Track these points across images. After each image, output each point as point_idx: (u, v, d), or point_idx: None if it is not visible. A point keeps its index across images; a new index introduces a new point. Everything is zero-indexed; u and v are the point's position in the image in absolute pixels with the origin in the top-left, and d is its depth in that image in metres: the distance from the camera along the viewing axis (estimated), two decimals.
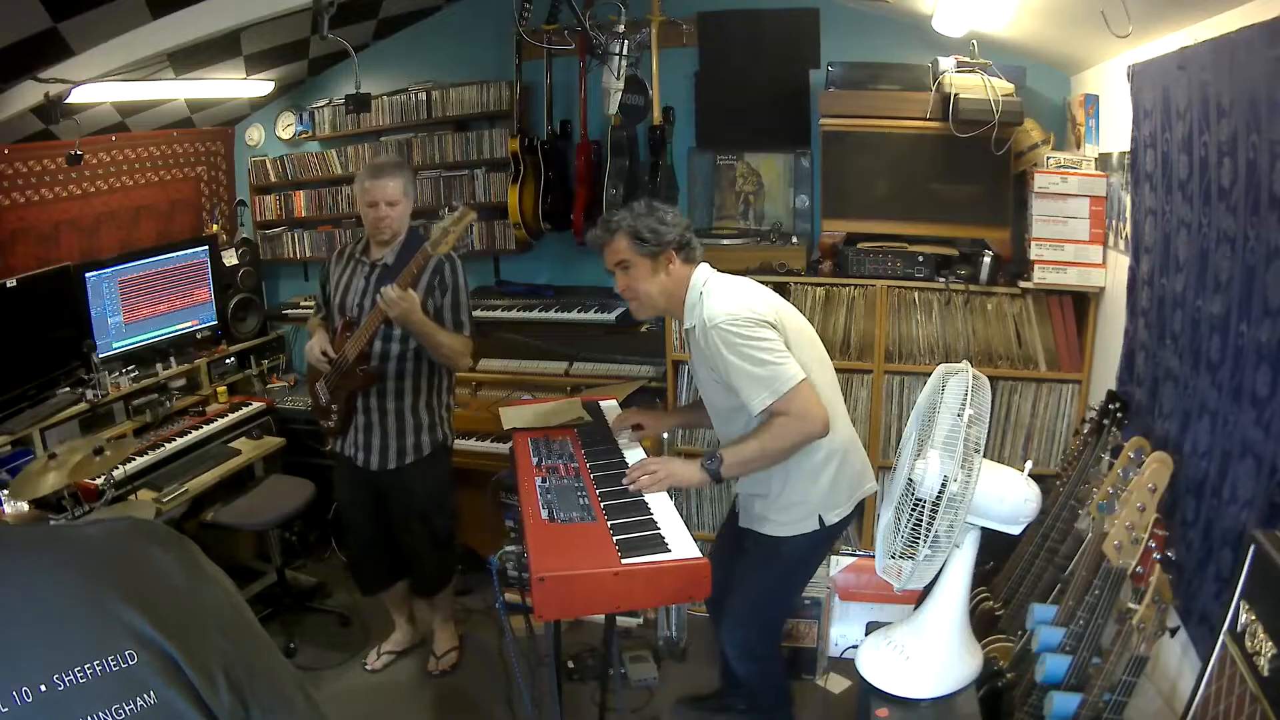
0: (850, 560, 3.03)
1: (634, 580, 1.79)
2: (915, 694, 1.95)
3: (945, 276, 3.09)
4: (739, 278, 2.28)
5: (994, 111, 2.78)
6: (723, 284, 2.22)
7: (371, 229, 2.69)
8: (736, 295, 2.17)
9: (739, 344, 2.06)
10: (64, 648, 0.57)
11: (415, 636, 3.25)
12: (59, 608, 0.59)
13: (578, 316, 3.62)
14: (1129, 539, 1.84)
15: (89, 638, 0.58)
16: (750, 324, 2.07)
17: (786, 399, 2.03)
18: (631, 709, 2.87)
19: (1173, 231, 2.11)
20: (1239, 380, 1.72)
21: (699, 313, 2.17)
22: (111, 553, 0.63)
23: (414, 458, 2.79)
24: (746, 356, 2.05)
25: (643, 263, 2.19)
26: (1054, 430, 3.09)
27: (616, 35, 3.23)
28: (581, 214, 3.66)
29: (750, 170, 3.65)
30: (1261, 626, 1.40)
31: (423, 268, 2.51)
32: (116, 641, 0.59)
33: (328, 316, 2.85)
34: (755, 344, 2.05)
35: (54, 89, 2.80)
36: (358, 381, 2.69)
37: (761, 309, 2.12)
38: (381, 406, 2.74)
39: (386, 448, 2.77)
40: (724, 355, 2.08)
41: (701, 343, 2.17)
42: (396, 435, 2.76)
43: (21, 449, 3.04)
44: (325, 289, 2.87)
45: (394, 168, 2.67)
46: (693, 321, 2.21)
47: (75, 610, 0.59)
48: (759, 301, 2.17)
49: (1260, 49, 1.59)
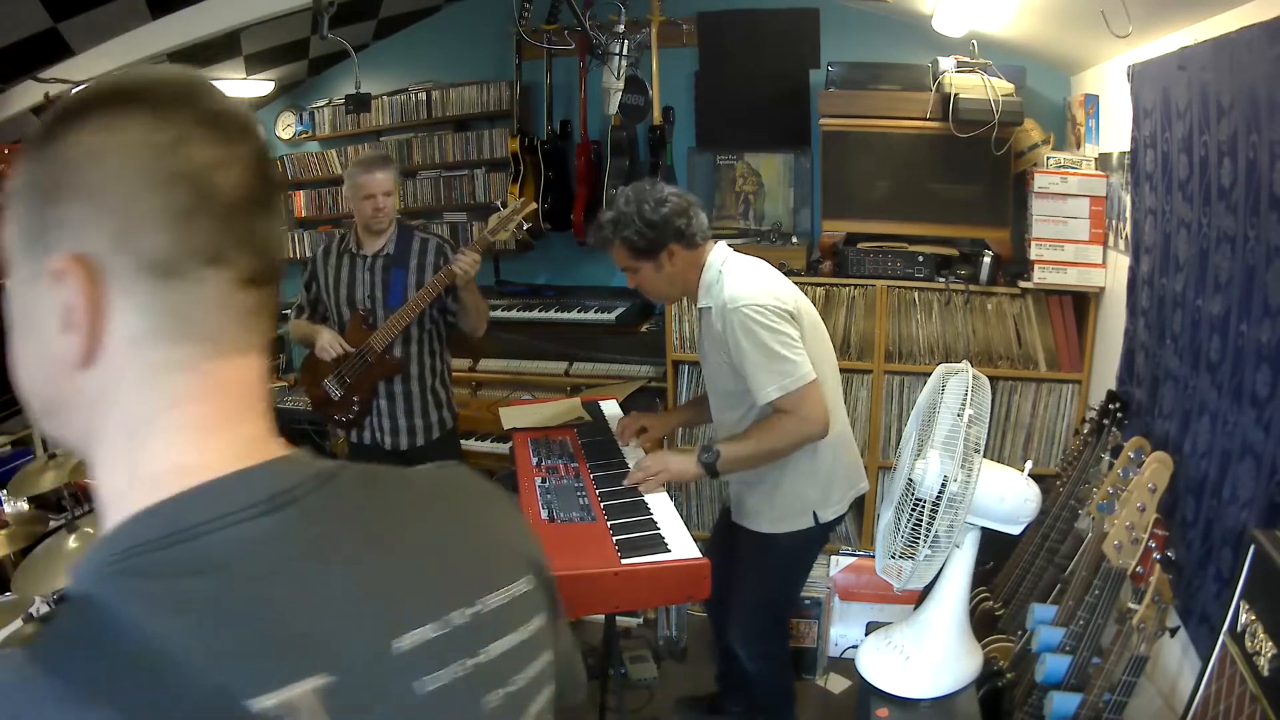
0: (850, 560, 3.03)
1: (634, 580, 1.79)
2: (915, 694, 1.94)
3: (945, 276, 3.09)
4: (758, 260, 2.21)
5: (994, 111, 2.78)
6: (744, 265, 2.15)
7: (369, 221, 2.74)
8: (760, 280, 2.12)
9: (758, 331, 2.01)
10: (487, 572, 0.63)
11: None
12: (476, 537, 0.66)
13: (578, 316, 3.62)
14: (1129, 539, 1.84)
15: (500, 564, 0.65)
16: (773, 314, 2.02)
17: (794, 397, 2.01)
18: (631, 709, 2.87)
19: (1173, 231, 2.11)
20: (1239, 380, 1.72)
21: (717, 293, 2.10)
22: (486, 488, 0.72)
23: (439, 433, 2.90)
24: (762, 346, 2.01)
25: (645, 265, 2.13)
26: (1054, 430, 3.09)
27: (616, 35, 3.23)
28: (581, 214, 3.66)
29: (750, 170, 3.65)
30: (1261, 626, 1.40)
31: (489, 245, 2.73)
32: (517, 568, 0.65)
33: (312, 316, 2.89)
34: (774, 335, 2.01)
35: (54, 89, 2.80)
36: (388, 368, 2.76)
37: (784, 297, 2.08)
38: (406, 389, 2.82)
39: (413, 427, 2.86)
40: (740, 340, 2.03)
41: (718, 324, 2.10)
42: (421, 414, 2.85)
43: (21, 449, 3.04)
44: (311, 288, 2.90)
45: (384, 160, 2.76)
46: (709, 302, 2.13)
47: (486, 539, 0.66)
48: (782, 289, 2.12)
49: (1260, 49, 1.59)
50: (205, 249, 0.55)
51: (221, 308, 0.57)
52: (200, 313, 0.56)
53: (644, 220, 2.06)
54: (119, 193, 0.53)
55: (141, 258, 0.54)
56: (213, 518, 0.52)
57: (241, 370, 0.58)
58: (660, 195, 2.09)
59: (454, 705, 0.57)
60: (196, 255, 0.55)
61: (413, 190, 4.01)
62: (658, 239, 2.08)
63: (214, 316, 0.56)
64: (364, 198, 2.68)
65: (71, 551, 2.12)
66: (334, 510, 0.57)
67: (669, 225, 2.07)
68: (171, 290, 0.55)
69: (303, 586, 0.53)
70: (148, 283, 0.54)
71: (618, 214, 2.10)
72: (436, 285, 2.66)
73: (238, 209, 0.56)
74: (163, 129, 0.55)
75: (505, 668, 0.61)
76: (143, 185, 0.54)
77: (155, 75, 0.59)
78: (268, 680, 0.48)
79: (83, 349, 0.54)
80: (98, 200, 0.54)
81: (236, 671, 0.48)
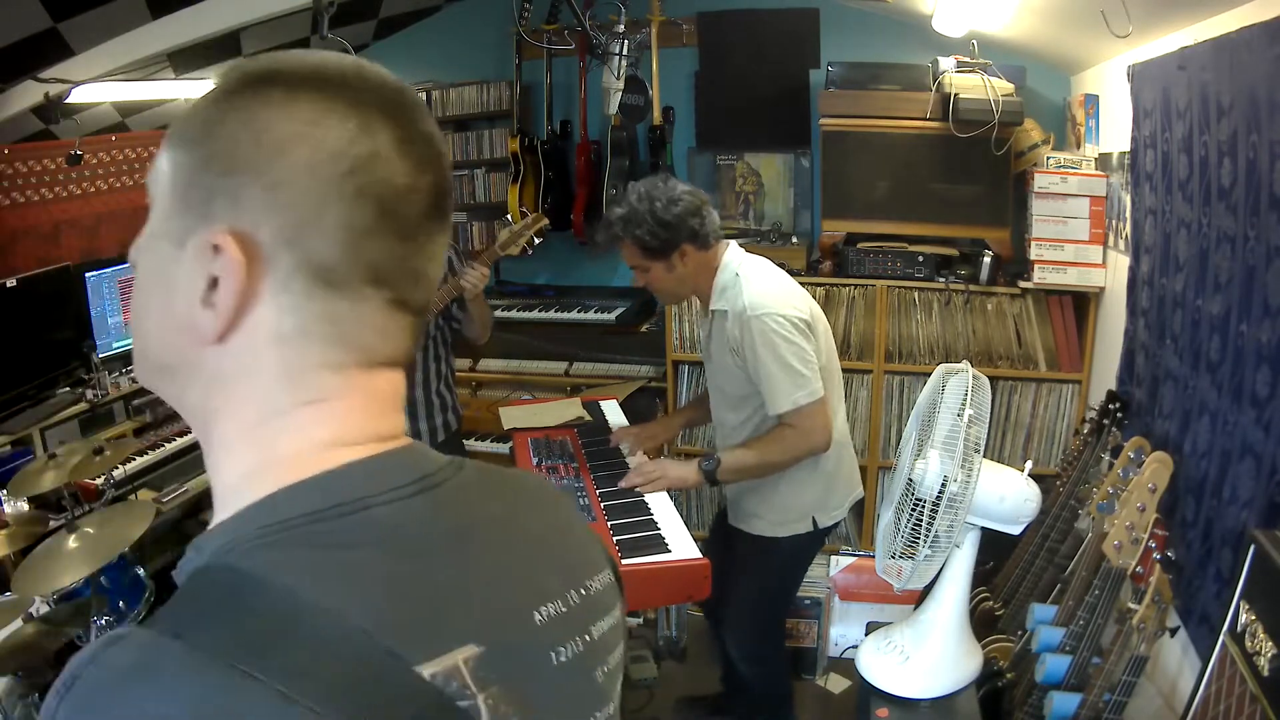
0: (850, 560, 3.03)
1: (634, 580, 1.79)
2: (915, 694, 1.94)
3: (945, 276, 3.09)
4: (772, 265, 2.18)
5: (994, 111, 2.78)
6: (761, 270, 2.11)
7: None
8: (780, 288, 2.09)
9: (778, 344, 1.99)
10: (585, 559, 0.67)
11: None
12: (574, 528, 0.70)
13: (578, 316, 3.62)
14: (1129, 539, 1.84)
15: (594, 554, 0.69)
16: (793, 326, 2.01)
17: (802, 413, 2.01)
18: (632, 709, 2.87)
19: (1173, 231, 2.11)
20: (1239, 380, 1.72)
21: (735, 298, 2.06)
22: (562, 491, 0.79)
23: (444, 436, 2.90)
24: (780, 359, 1.99)
25: (656, 265, 2.08)
26: (1054, 430, 3.09)
27: (616, 35, 3.23)
28: (581, 214, 3.66)
29: (750, 170, 3.65)
30: (1261, 626, 1.40)
31: (497, 258, 2.66)
32: (603, 559, 0.69)
33: None
34: (792, 348, 1.99)
35: (54, 89, 2.80)
36: None
37: (803, 309, 2.06)
38: (410, 395, 2.82)
39: (418, 431, 2.86)
40: (758, 350, 2.01)
41: (735, 330, 2.06)
42: (426, 418, 2.85)
43: (21, 449, 3.04)
44: None
45: None
46: (724, 305, 2.09)
47: (581, 531, 0.71)
48: (800, 299, 2.10)
49: (1260, 49, 1.59)
50: (372, 269, 0.55)
51: (374, 325, 0.56)
52: (355, 326, 0.56)
53: (656, 219, 2.00)
54: (302, 192, 0.52)
55: (307, 261, 0.53)
56: (375, 493, 0.53)
57: (388, 379, 0.59)
58: (674, 194, 2.02)
59: (578, 677, 0.61)
60: (362, 273, 0.54)
61: None
62: (671, 239, 2.02)
63: (367, 331, 0.56)
64: None
65: (72, 551, 2.11)
66: (469, 495, 0.60)
67: (683, 225, 2.01)
68: (329, 299, 0.54)
69: (453, 563, 0.56)
70: (306, 285, 0.53)
71: (629, 211, 2.03)
72: (444, 297, 2.64)
73: (412, 237, 0.56)
74: (362, 141, 0.53)
75: (604, 647, 0.64)
76: (328, 193, 0.52)
77: (369, 75, 0.57)
78: (430, 648, 0.50)
79: (218, 328, 0.53)
80: (277, 192, 0.52)
81: (404, 638, 0.49)
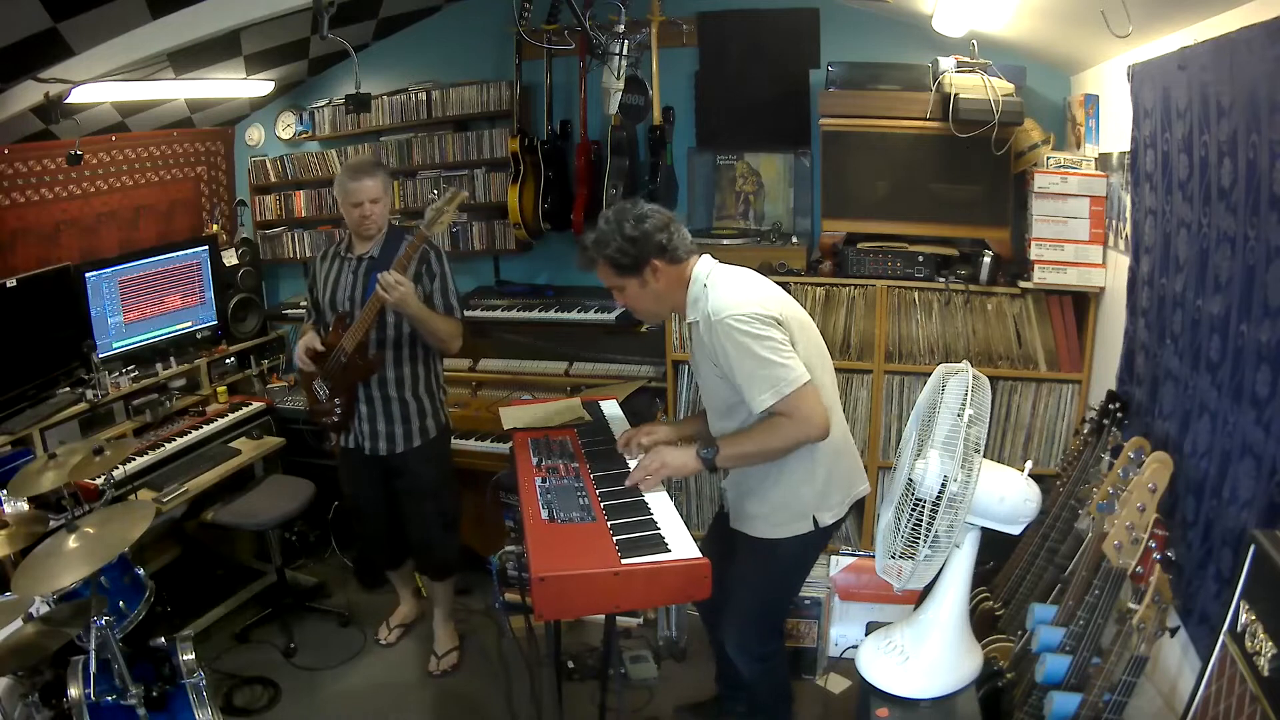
0: (850, 560, 3.03)
1: (634, 580, 1.79)
2: (915, 694, 1.94)
3: (945, 276, 3.09)
4: (743, 270, 2.23)
5: (994, 111, 2.78)
6: (727, 276, 2.17)
7: (357, 227, 2.76)
8: (743, 289, 2.13)
9: (745, 341, 2.01)
10: None
11: (420, 609, 3.39)
12: None
13: (578, 316, 3.61)
14: (1129, 539, 1.85)
15: None
16: (757, 321, 2.02)
17: (789, 401, 2.00)
18: (632, 709, 2.87)
19: (1173, 231, 2.11)
20: (1239, 380, 1.72)
21: (703, 306, 2.12)
22: None
23: (421, 441, 2.88)
24: (751, 354, 2.01)
25: (629, 282, 2.14)
26: (1054, 430, 3.09)
27: (616, 35, 3.23)
28: (581, 214, 3.66)
29: (750, 170, 3.65)
30: (1261, 626, 1.40)
31: (417, 249, 2.59)
32: None
33: (318, 319, 2.91)
34: (761, 342, 2.01)
35: (54, 89, 2.80)
36: (359, 372, 2.76)
37: (769, 305, 2.08)
38: (384, 394, 2.82)
39: (393, 434, 2.86)
40: (728, 350, 2.04)
41: (706, 337, 2.12)
42: (402, 420, 2.85)
43: (21, 449, 3.04)
44: (314, 292, 2.91)
45: (372, 167, 2.75)
46: (696, 316, 2.16)
47: None
48: (766, 296, 2.13)
49: (1260, 49, 1.59)
50: None
51: None
52: None
53: (624, 237, 2.08)
54: None
55: None
56: None
57: None
58: (640, 212, 2.12)
59: None
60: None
61: (413, 190, 4.01)
62: (640, 255, 2.10)
63: None
64: (352, 205, 2.69)
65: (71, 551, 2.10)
66: None
67: (650, 240, 2.09)
68: None
69: None
70: None
71: (599, 233, 2.13)
72: (371, 308, 2.63)
73: None
74: None
75: None
76: None
77: None
78: None
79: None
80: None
81: None
